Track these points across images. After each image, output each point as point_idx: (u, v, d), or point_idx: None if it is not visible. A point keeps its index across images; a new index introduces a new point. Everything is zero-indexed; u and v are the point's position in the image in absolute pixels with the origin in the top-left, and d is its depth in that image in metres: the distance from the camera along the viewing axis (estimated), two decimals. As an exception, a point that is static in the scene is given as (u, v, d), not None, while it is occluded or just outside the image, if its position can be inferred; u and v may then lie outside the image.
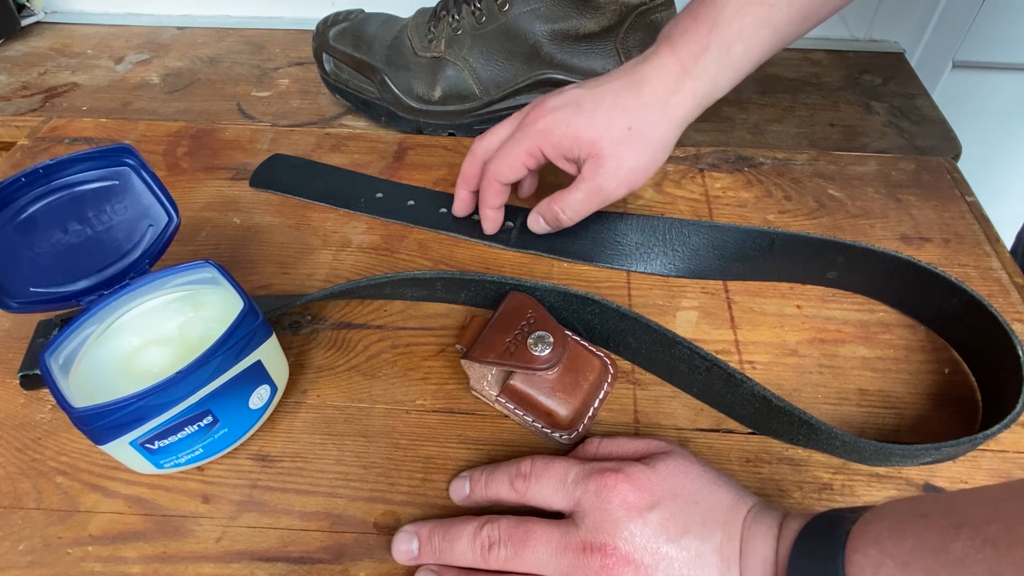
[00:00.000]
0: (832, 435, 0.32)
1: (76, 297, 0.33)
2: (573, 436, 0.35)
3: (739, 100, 0.60)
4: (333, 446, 0.35)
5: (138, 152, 0.34)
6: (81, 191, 0.33)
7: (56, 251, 0.33)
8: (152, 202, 0.35)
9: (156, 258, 0.36)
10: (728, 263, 0.44)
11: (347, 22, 0.56)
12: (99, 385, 0.32)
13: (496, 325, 0.36)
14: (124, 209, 0.34)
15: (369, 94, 0.55)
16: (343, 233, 0.47)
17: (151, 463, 0.32)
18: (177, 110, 0.59)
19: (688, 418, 0.37)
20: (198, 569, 0.31)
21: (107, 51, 0.67)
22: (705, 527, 0.28)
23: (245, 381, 0.33)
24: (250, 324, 0.32)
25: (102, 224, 0.34)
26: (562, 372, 0.35)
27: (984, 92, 0.73)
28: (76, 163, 0.32)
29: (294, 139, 0.55)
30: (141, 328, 0.34)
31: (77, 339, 0.33)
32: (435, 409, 0.37)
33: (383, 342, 0.40)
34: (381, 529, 0.32)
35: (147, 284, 0.35)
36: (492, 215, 0.45)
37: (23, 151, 0.54)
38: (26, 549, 0.32)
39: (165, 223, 0.36)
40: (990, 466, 0.35)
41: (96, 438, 0.29)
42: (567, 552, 0.28)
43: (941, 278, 0.39)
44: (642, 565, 0.27)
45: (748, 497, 0.29)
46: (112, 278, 0.34)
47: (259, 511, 0.33)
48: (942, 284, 0.39)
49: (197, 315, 0.35)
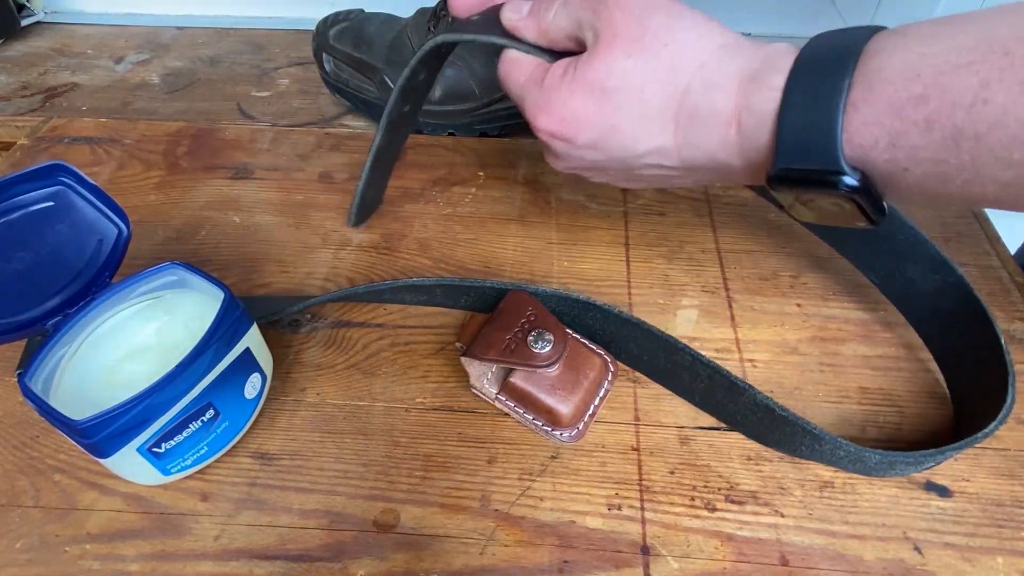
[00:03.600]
0: (836, 445, 0.32)
1: (40, 321, 0.32)
2: (573, 434, 0.35)
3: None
4: (332, 444, 0.35)
5: (72, 167, 0.33)
6: (15, 218, 0.32)
7: (4, 280, 0.31)
8: (97, 216, 0.34)
9: (115, 269, 0.35)
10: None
11: (347, 22, 0.56)
12: (84, 403, 0.31)
13: (496, 323, 0.36)
14: (67, 228, 0.33)
15: (369, 94, 0.55)
16: (343, 232, 0.47)
17: (158, 469, 0.32)
18: (177, 110, 0.59)
19: (689, 416, 0.37)
20: (196, 567, 0.31)
21: (107, 51, 0.67)
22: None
23: (239, 370, 0.33)
24: (235, 311, 0.32)
25: (47, 247, 0.32)
26: (562, 370, 0.35)
27: (984, 92, 0.73)
28: (6, 189, 0.31)
29: (294, 139, 0.55)
30: (117, 340, 0.34)
31: (51, 362, 0.32)
32: (435, 407, 0.37)
33: (383, 340, 0.40)
34: (380, 527, 0.32)
35: (113, 296, 0.34)
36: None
37: (23, 151, 0.54)
38: (24, 547, 0.31)
39: (115, 235, 0.34)
40: (991, 463, 0.34)
41: (102, 450, 0.29)
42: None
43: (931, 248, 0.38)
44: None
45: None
46: (74, 297, 0.33)
47: (258, 509, 0.33)
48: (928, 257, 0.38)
49: (173, 318, 0.35)
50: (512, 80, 0.34)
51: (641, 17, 0.29)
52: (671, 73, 0.29)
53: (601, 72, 0.29)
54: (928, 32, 0.25)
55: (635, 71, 0.29)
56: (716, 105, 0.28)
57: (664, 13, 0.29)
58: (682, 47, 0.29)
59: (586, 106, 0.30)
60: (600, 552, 0.31)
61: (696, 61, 0.29)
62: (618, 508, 0.33)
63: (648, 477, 0.34)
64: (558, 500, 0.33)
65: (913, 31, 0.25)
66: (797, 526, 0.32)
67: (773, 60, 0.27)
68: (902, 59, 0.24)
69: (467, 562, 0.31)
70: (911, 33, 0.25)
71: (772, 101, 0.27)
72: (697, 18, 0.30)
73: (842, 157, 0.25)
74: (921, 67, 0.23)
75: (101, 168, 0.52)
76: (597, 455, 0.35)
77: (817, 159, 0.26)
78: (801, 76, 0.26)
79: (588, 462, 0.35)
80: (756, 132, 0.28)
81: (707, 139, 0.29)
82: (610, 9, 0.29)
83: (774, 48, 0.28)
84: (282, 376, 0.38)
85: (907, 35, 0.25)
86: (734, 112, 0.28)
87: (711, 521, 0.32)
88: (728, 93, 0.28)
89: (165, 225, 0.47)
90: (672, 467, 0.34)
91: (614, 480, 0.34)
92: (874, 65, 0.25)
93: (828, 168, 0.26)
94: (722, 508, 0.33)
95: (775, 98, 0.26)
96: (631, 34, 0.29)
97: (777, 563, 0.31)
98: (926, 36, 0.24)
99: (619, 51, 0.29)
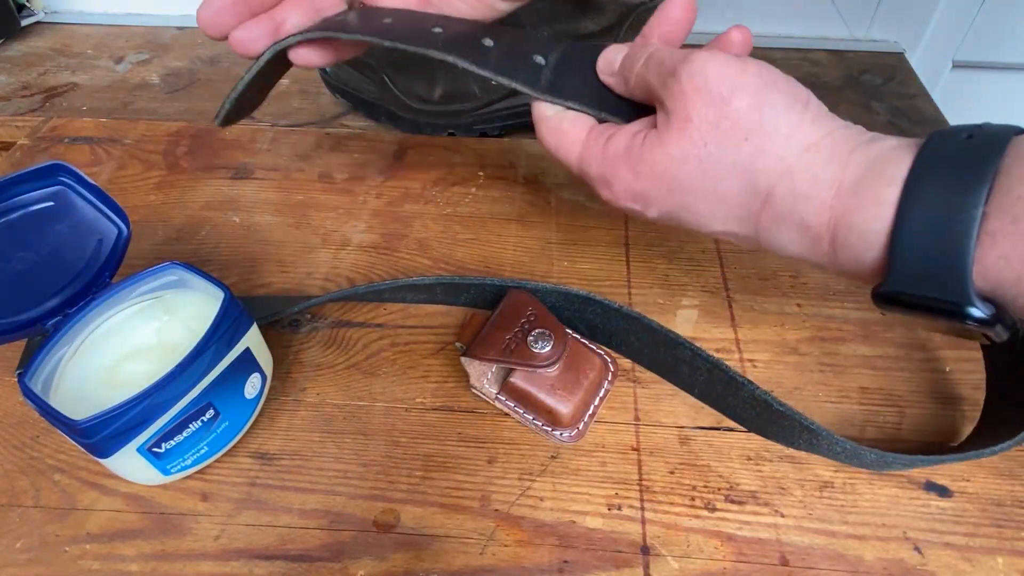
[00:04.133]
0: (833, 441, 0.32)
1: (39, 322, 0.32)
2: (573, 434, 0.35)
3: (739, 100, 0.60)
4: (332, 444, 0.35)
5: (72, 167, 0.33)
6: (15, 218, 0.32)
7: (4, 280, 0.31)
8: (97, 216, 0.34)
9: (115, 269, 0.35)
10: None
11: (347, 22, 0.56)
12: (84, 403, 0.31)
13: (496, 323, 0.36)
14: (67, 228, 0.33)
15: (369, 94, 0.55)
16: (343, 232, 0.47)
17: (158, 469, 0.32)
18: (177, 110, 0.59)
19: (689, 416, 0.37)
20: (196, 567, 0.31)
21: (107, 51, 0.67)
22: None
23: (239, 370, 0.33)
24: (235, 311, 0.32)
25: (47, 247, 0.32)
26: (562, 370, 0.35)
27: (984, 92, 0.73)
28: (6, 189, 0.31)
29: (294, 139, 0.55)
30: (117, 341, 0.34)
31: (51, 362, 0.32)
32: (435, 407, 0.37)
33: (383, 340, 0.40)
34: (380, 527, 0.32)
35: (113, 296, 0.34)
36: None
37: (23, 151, 0.54)
38: (24, 547, 0.31)
39: (115, 235, 0.34)
40: (991, 463, 0.34)
41: (102, 451, 0.29)
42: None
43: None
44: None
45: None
46: (73, 297, 0.33)
47: (258, 509, 0.33)
48: None
49: (173, 318, 0.35)
50: (564, 153, 0.31)
51: (721, 100, 0.25)
52: (752, 174, 0.25)
53: (676, 158, 0.26)
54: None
55: (711, 161, 0.25)
56: (805, 217, 0.25)
57: (748, 97, 0.25)
58: (766, 144, 0.25)
59: (657, 188, 0.27)
60: (600, 552, 0.31)
61: (782, 164, 0.25)
62: (618, 508, 0.33)
63: (648, 477, 0.34)
64: (558, 500, 0.33)
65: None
66: (797, 526, 0.32)
67: (881, 168, 0.23)
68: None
69: (467, 562, 0.31)
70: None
71: (882, 220, 0.23)
72: (787, 105, 0.25)
73: (972, 291, 0.21)
74: None
75: (101, 168, 0.52)
76: (597, 455, 0.35)
77: (940, 289, 0.22)
78: (921, 195, 0.22)
79: (588, 462, 0.35)
80: (858, 250, 0.24)
81: (792, 243, 0.26)
82: (683, 86, 0.26)
83: (880, 149, 0.24)
84: (282, 376, 0.38)
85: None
86: (828, 226, 0.24)
87: (711, 521, 0.32)
88: (821, 205, 0.24)
89: (165, 225, 0.47)
90: (672, 467, 0.34)
91: (614, 480, 0.34)
92: (1020, 193, 0.20)
93: (952, 299, 0.22)
94: (722, 508, 0.33)
95: (886, 216, 0.23)
96: (708, 118, 0.25)
97: (777, 563, 0.31)
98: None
99: (694, 137, 0.25)
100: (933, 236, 0.22)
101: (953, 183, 0.21)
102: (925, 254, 0.22)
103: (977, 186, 0.21)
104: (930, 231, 0.22)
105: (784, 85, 0.26)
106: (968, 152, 0.22)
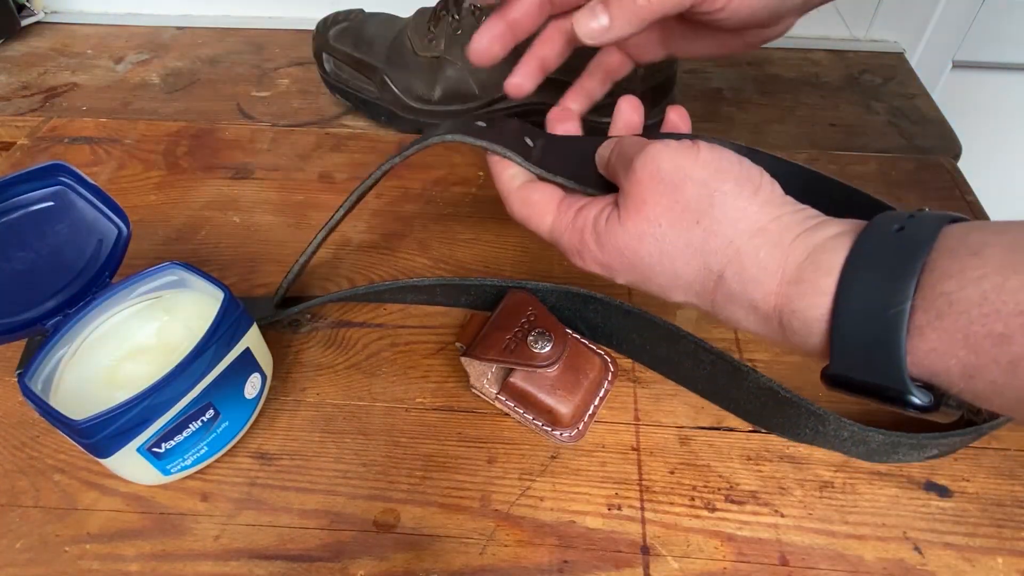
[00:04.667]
0: (840, 425, 0.32)
1: (39, 321, 0.32)
2: (573, 434, 0.35)
3: (739, 100, 0.60)
4: (332, 444, 0.35)
5: (72, 167, 0.33)
6: (15, 218, 0.32)
7: (4, 280, 0.31)
8: (97, 216, 0.34)
9: (115, 269, 0.35)
10: None
11: (347, 22, 0.56)
12: (84, 403, 0.31)
13: (496, 323, 0.36)
14: (67, 228, 0.33)
15: (369, 94, 0.55)
16: (342, 232, 0.47)
17: (158, 469, 0.32)
18: (177, 110, 0.59)
19: (689, 416, 0.37)
20: (196, 567, 0.31)
21: (107, 51, 0.67)
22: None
23: (238, 370, 0.33)
24: (235, 312, 0.32)
25: (47, 247, 0.32)
26: (562, 370, 0.35)
27: (984, 92, 0.73)
28: (6, 189, 0.31)
29: (294, 139, 0.55)
30: (117, 340, 0.34)
31: (51, 361, 0.32)
32: (435, 407, 0.37)
33: (383, 340, 0.40)
34: (380, 527, 0.32)
35: (113, 296, 0.34)
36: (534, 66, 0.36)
37: (23, 151, 0.54)
38: (24, 547, 0.31)
39: (115, 235, 0.35)
40: (991, 463, 0.34)
41: (102, 450, 0.29)
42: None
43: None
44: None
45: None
46: (74, 297, 0.33)
47: (258, 509, 0.33)
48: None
49: (173, 318, 0.35)
50: (535, 224, 0.32)
51: (674, 187, 0.27)
52: (704, 255, 0.26)
53: (634, 236, 0.28)
54: (1003, 256, 0.21)
55: (666, 241, 0.27)
56: (755, 300, 0.26)
57: (700, 184, 0.26)
58: (716, 228, 0.26)
59: (620, 262, 0.29)
60: (600, 552, 0.31)
61: (731, 247, 0.26)
62: (618, 508, 0.33)
63: (648, 477, 0.34)
64: (558, 500, 0.33)
65: (987, 250, 0.21)
66: (797, 526, 0.32)
67: (819, 257, 0.24)
68: (977, 292, 0.20)
69: (467, 562, 0.31)
70: (983, 252, 0.21)
71: (822, 308, 0.24)
72: (736, 191, 0.26)
73: (908, 379, 0.22)
74: (999, 302, 0.20)
75: (101, 168, 0.52)
76: (597, 455, 0.35)
77: (880, 376, 0.23)
78: (855, 287, 0.23)
79: (588, 462, 0.35)
80: (803, 334, 0.25)
81: (746, 321, 0.27)
82: (639, 175, 0.27)
83: (822, 237, 0.25)
84: (282, 376, 0.38)
85: (979, 254, 0.21)
86: (774, 310, 0.25)
87: (711, 521, 0.32)
88: (766, 292, 0.25)
89: (165, 225, 0.47)
90: (672, 467, 0.34)
91: (614, 480, 0.34)
92: (942, 290, 0.21)
93: (892, 385, 0.23)
94: (722, 508, 0.33)
95: (825, 305, 0.23)
96: (662, 203, 0.27)
97: (777, 563, 0.31)
98: (1002, 262, 0.20)
99: (649, 218, 0.27)
100: (868, 327, 0.22)
101: (883, 276, 0.22)
102: (862, 343, 0.23)
103: (905, 281, 0.22)
104: (864, 322, 0.22)
105: (736, 170, 0.27)
106: (898, 245, 0.23)
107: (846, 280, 0.23)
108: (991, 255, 0.21)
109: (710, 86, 0.62)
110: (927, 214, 0.23)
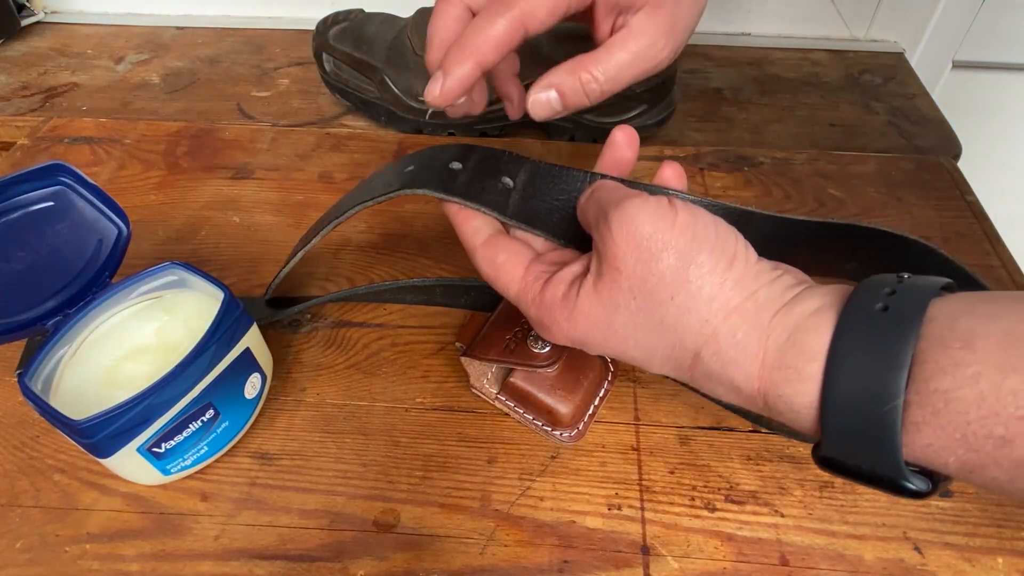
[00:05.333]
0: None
1: (40, 321, 0.32)
2: (573, 434, 0.35)
3: (739, 100, 0.60)
4: (332, 444, 0.35)
5: (72, 167, 0.33)
6: (15, 218, 0.32)
7: (4, 280, 0.31)
8: (97, 216, 0.34)
9: (115, 269, 0.35)
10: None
11: (347, 22, 0.56)
12: (84, 403, 0.31)
13: (496, 322, 0.36)
14: (67, 228, 0.33)
15: (369, 94, 0.55)
16: (342, 232, 0.47)
17: (158, 469, 0.32)
18: (177, 110, 0.59)
19: (689, 416, 0.37)
20: (196, 567, 0.31)
21: (107, 51, 0.67)
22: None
23: (238, 370, 0.33)
24: (235, 311, 0.32)
25: (47, 247, 0.32)
26: (562, 370, 0.35)
27: (984, 92, 0.73)
28: (6, 189, 0.31)
29: (294, 139, 0.55)
30: (117, 340, 0.34)
31: (51, 361, 0.32)
32: (435, 407, 0.37)
33: (383, 340, 0.40)
34: (380, 527, 0.32)
35: (113, 296, 0.34)
36: (461, 81, 0.31)
37: (23, 151, 0.54)
38: (24, 547, 0.31)
39: (115, 235, 0.35)
40: (992, 464, 0.34)
41: (102, 450, 0.29)
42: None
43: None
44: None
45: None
46: (74, 297, 0.33)
47: (258, 509, 0.33)
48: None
49: (173, 318, 0.35)
50: (501, 287, 0.30)
51: (649, 256, 0.25)
52: (679, 333, 0.25)
53: (608, 307, 0.26)
54: (997, 352, 0.20)
55: (641, 315, 0.26)
56: (736, 381, 0.25)
57: (676, 256, 0.25)
58: (691, 304, 0.25)
59: (593, 336, 0.27)
60: (600, 552, 0.31)
61: (707, 327, 0.25)
62: (618, 508, 0.33)
63: (648, 477, 0.34)
64: (558, 500, 0.33)
65: (979, 343, 0.20)
66: (797, 526, 0.32)
67: (801, 340, 0.23)
68: (974, 391, 0.20)
69: (467, 562, 0.31)
70: (974, 344, 0.20)
71: (809, 395, 0.23)
72: (712, 264, 0.25)
73: (904, 469, 0.21)
74: (999, 404, 0.19)
75: (101, 168, 0.52)
76: (597, 455, 0.35)
77: (873, 464, 0.22)
78: (841, 379, 0.22)
79: (588, 462, 0.35)
80: (790, 417, 0.24)
81: (728, 397, 0.26)
82: (613, 234, 0.25)
83: (800, 315, 0.24)
84: (282, 376, 0.38)
85: (971, 347, 0.20)
86: (759, 392, 0.24)
87: (711, 521, 0.32)
88: (748, 375, 0.24)
89: (165, 225, 0.47)
90: (672, 467, 0.34)
91: (614, 480, 0.34)
92: (936, 386, 0.20)
93: (888, 475, 0.22)
94: (722, 508, 0.33)
95: (812, 392, 0.22)
96: (637, 272, 0.25)
97: (777, 563, 0.31)
98: (999, 361, 0.20)
99: (623, 288, 0.26)
100: (860, 421, 0.21)
101: (872, 369, 0.21)
102: (854, 435, 0.22)
103: (896, 374, 0.21)
104: (856, 417, 0.21)
105: (712, 239, 0.25)
106: (885, 330, 0.21)
107: (832, 369, 0.22)
108: (984, 349, 0.20)
109: (710, 86, 0.62)
110: (911, 286, 0.22)
